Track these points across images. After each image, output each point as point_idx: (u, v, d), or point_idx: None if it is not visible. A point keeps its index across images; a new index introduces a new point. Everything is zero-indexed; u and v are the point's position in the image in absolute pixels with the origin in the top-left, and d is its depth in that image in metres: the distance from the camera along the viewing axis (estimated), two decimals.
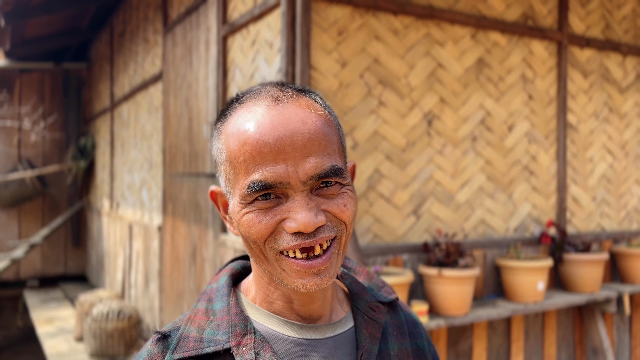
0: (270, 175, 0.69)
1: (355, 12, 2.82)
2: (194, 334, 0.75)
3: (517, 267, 3.05)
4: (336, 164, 0.72)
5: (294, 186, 0.70)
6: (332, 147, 0.73)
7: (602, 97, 3.79)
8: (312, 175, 0.70)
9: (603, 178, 3.80)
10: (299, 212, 0.69)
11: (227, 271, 0.85)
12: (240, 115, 0.74)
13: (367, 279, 0.91)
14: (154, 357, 0.74)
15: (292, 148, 0.69)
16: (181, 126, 4.28)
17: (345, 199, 0.73)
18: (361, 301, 0.85)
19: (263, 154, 0.69)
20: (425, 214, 3.05)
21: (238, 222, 0.73)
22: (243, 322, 0.76)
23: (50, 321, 6.07)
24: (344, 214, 0.73)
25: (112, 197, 6.88)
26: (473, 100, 3.21)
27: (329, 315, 0.81)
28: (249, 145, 0.70)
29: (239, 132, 0.72)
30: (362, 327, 0.81)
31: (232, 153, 0.72)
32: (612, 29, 3.84)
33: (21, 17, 5.69)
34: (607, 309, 3.40)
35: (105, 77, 7.30)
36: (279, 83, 0.78)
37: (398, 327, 0.87)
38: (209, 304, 0.79)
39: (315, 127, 0.72)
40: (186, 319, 0.78)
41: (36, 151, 8.37)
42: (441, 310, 2.80)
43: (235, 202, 0.73)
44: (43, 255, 8.37)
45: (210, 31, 3.67)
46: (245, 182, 0.71)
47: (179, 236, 4.35)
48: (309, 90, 0.78)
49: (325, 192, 0.72)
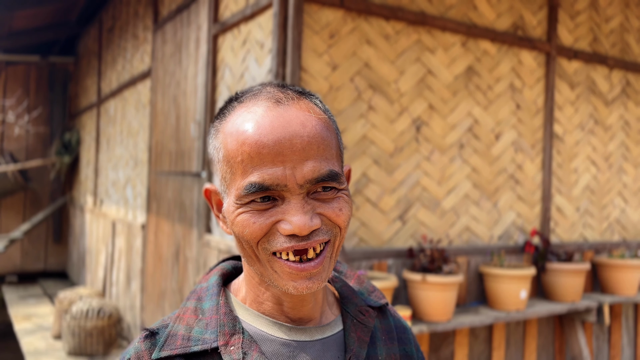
0: (268, 178, 0.69)
1: (347, 15, 2.83)
2: (182, 332, 0.75)
3: (501, 275, 3.06)
4: (334, 168, 0.72)
5: (290, 189, 0.69)
6: (330, 151, 0.73)
7: (588, 109, 3.84)
8: (309, 179, 0.70)
9: (587, 189, 3.84)
10: (294, 214, 0.69)
11: (218, 271, 0.84)
12: (240, 115, 0.73)
13: (357, 283, 0.91)
14: (141, 354, 0.74)
15: (291, 151, 0.69)
16: (168, 124, 4.25)
17: (340, 203, 0.73)
18: (351, 305, 0.84)
19: (261, 156, 0.69)
20: (411, 219, 3.06)
21: (232, 221, 0.72)
22: (232, 321, 0.75)
23: (28, 318, 5.98)
24: (339, 218, 0.72)
25: (95, 194, 6.80)
26: (461, 108, 3.23)
27: (319, 318, 0.81)
28: (247, 145, 0.70)
29: (237, 132, 0.71)
30: (351, 331, 0.81)
31: (229, 152, 0.72)
32: (599, 42, 3.89)
33: (9, 9, 5.62)
34: (587, 318, 3.43)
35: (93, 72, 7.23)
36: (279, 84, 0.78)
37: (387, 332, 0.87)
38: (198, 303, 0.79)
39: (315, 131, 0.71)
40: (175, 317, 0.78)
41: (19, 145, 8.25)
42: (424, 315, 2.81)
43: (231, 202, 0.73)
44: (23, 251, 8.25)
45: (201, 29, 3.65)
46: (242, 182, 0.70)
47: (162, 235, 4.31)
48: (309, 93, 0.78)
49: (322, 196, 0.72)
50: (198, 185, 3.60)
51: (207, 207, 3.47)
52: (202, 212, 3.50)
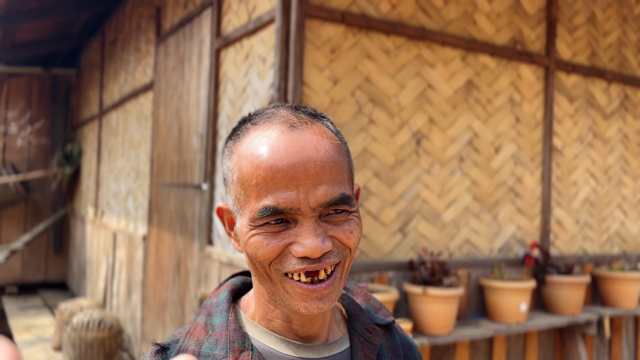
0: (282, 201, 0.71)
1: (348, 31, 2.86)
2: (193, 347, 0.77)
3: (501, 288, 3.07)
4: (345, 192, 0.74)
5: (303, 212, 0.71)
6: (342, 175, 0.75)
7: (586, 122, 3.87)
8: (322, 203, 0.72)
9: (586, 202, 3.86)
10: (306, 237, 0.71)
11: (228, 286, 0.86)
12: (254, 138, 0.75)
13: (364, 301, 0.92)
14: None
15: (305, 175, 0.71)
16: (170, 136, 4.28)
17: (351, 226, 0.75)
18: (358, 323, 0.86)
19: (276, 180, 0.71)
20: (412, 232, 3.08)
21: (245, 242, 0.74)
22: (241, 338, 0.77)
23: (28, 329, 5.97)
24: (349, 240, 0.74)
25: (97, 205, 6.82)
26: (461, 121, 3.26)
27: (326, 335, 0.82)
28: (262, 170, 0.71)
29: (252, 156, 0.73)
30: (357, 349, 0.82)
31: (244, 175, 0.74)
32: (597, 56, 3.93)
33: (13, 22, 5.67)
34: (588, 331, 3.44)
35: (95, 85, 7.28)
36: (292, 106, 0.80)
37: (393, 350, 0.88)
38: (208, 319, 0.80)
39: (328, 156, 0.73)
40: (185, 332, 0.79)
41: (21, 156, 8.28)
42: (425, 328, 2.81)
43: (244, 223, 0.75)
44: (23, 262, 8.25)
45: (204, 43, 3.69)
46: (256, 205, 0.72)
47: (163, 247, 4.33)
48: (321, 115, 0.80)
49: (333, 218, 0.74)
50: (200, 197, 3.62)
51: (208, 218, 3.48)
52: (204, 224, 3.51)
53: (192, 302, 3.67)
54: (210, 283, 3.38)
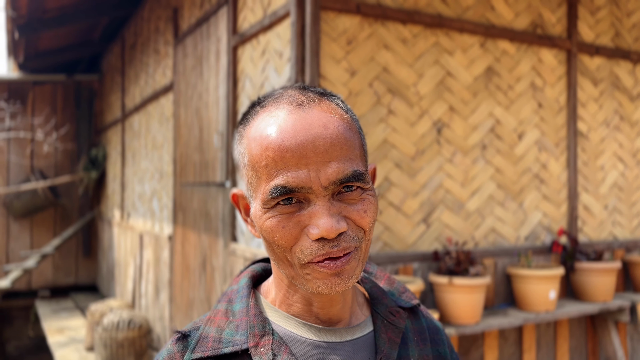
0: (292, 180, 0.70)
1: (364, 21, 2.84)
2: (213, 334, 0.77)
3: (529, 276, 3.03)
4: (358, 168, 0.72)
5: (315, 191, 0.70)
6: (353, 151, 0.73)
7: (612, 105, 3.78)
8: (333, 180, 0.70)
9: (614, 186, 3.78)
10: (321, 217, 0.70)
11: (248, 273, 0.86)
12: (262, 120, 0.74)
13: (388, 284, 0.91)
14: (174, 356, 0.76)
15: (314, 153, 0.70)
16: (192, 136, 4.31)
17: (365, 205, 0.73)
18: (381, 306, 0.85)
19: (285, 159, 0.70)
20: (435, 222, 3.05)
21: (261, 226, 0.73)
22: (262, 323, 0.76)
23: (61, 331, 6.10)
24: (363, 220, 0.73)
25: (122, 207, 6.92)
26: (482, 109, 3.21)
27: (349, 318, 0.81)
28: (271, 150, 0.71)
29: (261, 137, 0.73)
30: (381, 332, 0.81)
31: (254, 157, 0.73)
32: (621, 36, 3.83)
33: (35, 31, 5.78)
34: (621, 318, 3.36)
35: (117, 89, 7.38)
36: (300, 86, 0.79)
37: (419, 333, 0.87)
38: (229, 305, 0.80)
39: (337, 132, 0.72)
40: (206, 319, 0.80)
41: (48, 162, 8.45)
42: (452, 319, 2.79)
43: (257, 206, 0.74)
44: (54, 266, 8.43)
45: (221, 42, 3.70)
46: (267, 186, 0.71)
47: (189, 245, 4.37)
48: (330, 94, 0.79)
49: (347, 197, 0.72)
50: (223, 195, 3.64)
51: (232, 216, 3.50)
52: (227, 221, 3.53)
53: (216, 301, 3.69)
54: None
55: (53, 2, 5.43)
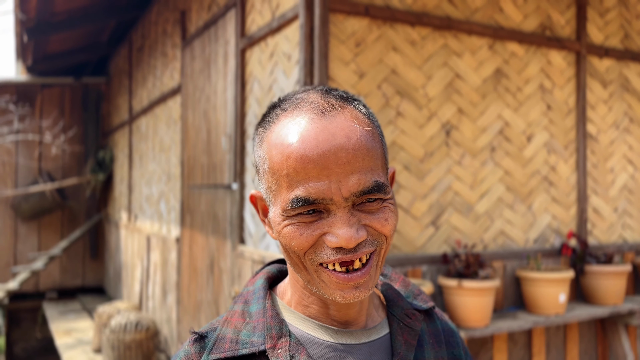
0: (313, 192, 0.69)
1: (372, 23, 2.84)
2: (230, 335, 0.77)
3: (538, 279, 3.01)
4: (379, 180, 0.72)
5: (336, 202, 0.70)
6: (375, 162, 0.73)
7: (622, 107, 3.76)
8: (354, 192, 0.70)
9: (624, 189, 3.75)
10: (340, 227, 0.69)
11: (264, 274, 0.86)
12: (284, 126, 0.74)
13: (403, 286, 0.91)
14: (191, 357, 0.76)
15: (336, 164, 0.69)
16: (199, 138, 4.32)
17: (386, 214, 0.73)
18: (397, 308, 0.85)
19: (307, 170, 0.69)
20: (444, 224, 3.04)
21: (279, 232, 0.74)
22: (279, 324, 0.76)
23: (68, 333, 6.12)
24: (385, 228, 0.73)
25: (130, 210, 6.94)
26: (491, 111, 3.20)
27: (365, 321, 0.81)
28: (292, 160, 0.70)
29: (282, 145, 0.72)
30: (397, 334, 0.81)
31: (275, 165, 0.73)
32: (631, 38, 3.81)
33: (43, 34, 5.82)
34: (631, 321, 3.34)
35: (124, 91, 7.41)
36: (323, 89, 0.78)
37: (434, 336, 0.86)
38: (245, 306, 0.80)
39: (360, 143, 0.71)
40: (223, 321, 0.80)
41: (56, 164, 8.49)
42: (461, 321, 2.77)
43: (277, 212, 0.74)
44: (62, 268, 8.46)
45: (229, 44, 3.71)
46: (288, 196, 0.71)
47: (196, 248, 4.37)
48: (353, 98, 0.78)
49: (367, 207, 0.72)
50: (230, 197, 3.64)
51: (239, 218, 3.51)
52: (235, 223, 3.54)
53: (226, 302, 3.69)
54: (244, 282, 3.40)
55: (62, 6, 5.46)
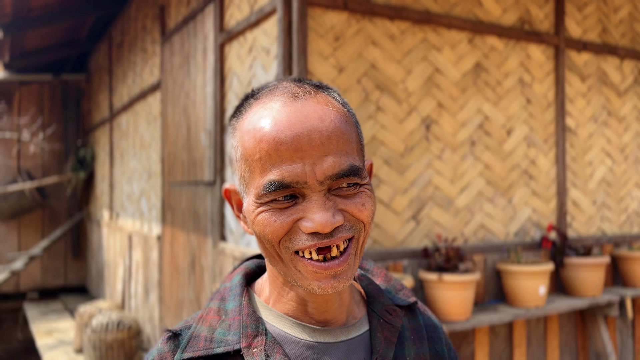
0: (287, 175, 0.67)
1: (351, 17, 2.83)
2: (205, 333, 0.74)
3: (518, 272, 3.03)
4: (355, 163, 0.70)
5: (311, 186, 0.68)
6: (350, 145, 0.71)
7: (600, 101, 3.79)
8: (329, 175, 0.68)
9: (603, 182, 3.79)
10: (316, 212, 0.67)
11: (241, 270, 0.83)
12: (256, 112, 0.72)
13: (384, 281, 0.89)
14: (164, 355, 0.73)
15: (310, 146, 0.67)
16: (179, 135, 4.28)
17: (363, 199, 0.71)
18: (377, 304, 0.83)
19: (280, 152, 0.67)
20: (425, 219, 3.04)
21: (253, 221, 0.71)
22: (255, 322, 0.74)
23: (50, 333, 6.04)
24: (362, 213, 0.71)
25: (111, 208, 6.87)
26: (471, 105, 3.21)
27: (345, 318, 0.79)
28: (264, 143, 0.68)
29: (254, 129, 0.70)
30: (377, 331, 0.79)
31: (247, 151, 0.70)
32: (609, 32, 3.85)
33: (20, 29, 5.71)
34: (610, 313, 3.38)
35: (104, 88, 7.32)
36: (296, 79, 0.76)
37: (416, 332, 0.85)
38: (221, 303, 0.78)
39: (334, 125, 0.69)
40: (198, 318, 0.77)
41: (35, 163, 8.37)
42: (442, 315, 2.78)
43: (250, 201, 0.71)
44: (43, 267, 8.35)
45: (208, 39, 3.67)
46: (261, 181, 0.69)
47: (178, 245, 4.34)
48: (327, 86, 0.76)
49: (344, 191, 0.70)
50: (211, 194, 3.61)
51: (220, 215, 3.48)
52: (216, 220, 3.51)
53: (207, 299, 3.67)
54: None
55: (38, 1, 5.37)
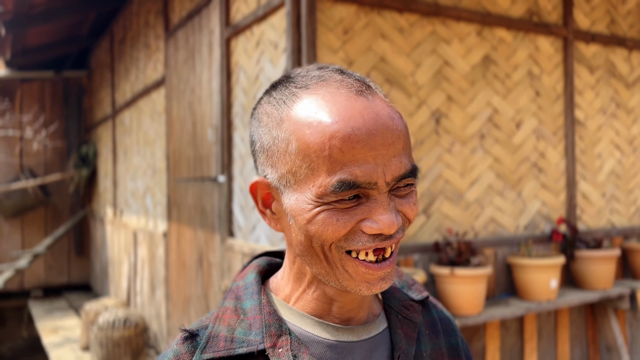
0: (361, 175, 0.64)
1: (360, 10, 2.80)
2: (224, 333, 0.71)
3: (529, 265, 3.01)
4: (414, 164, 0.69)
5: (379, 187, 0.65)
6: (410, 146, 0.70)
7: (609, 93, 3.76)
8: (396, 176, 0.66)
9: (612, 174, 3.77)
10: (382, 213, 0.65)
11: (254, 268, 0.80)
12: (317, 104, 0.66)
13: (397, 277, 0.87)
14: (181, 357, 0.70)
15: (383, 145, 0.65)
16: (185, 131, 4.25)
17: (414, 198, 0.70)
18: (394, 300, 0.81)
19: (354, 151, 0.63)
20: (435, 213, 3.02)
21: (308, 220, 0.66)
22: (277, 322, 0.71)
23: (55, 331, 6.03)
24: (413, 213, 0.70)
25: (115, 205, 6.85)
26: (480, 98, 3.18)
27: (365, 315, 0.77)
28: (337, 139, 0.63)
29: (320, 123, 0.65)
30: (397, 327, 0.77)
31: (310, 145, 0.65)
32: (617, 23, 3.82)
33: (22, 26, 5.67)
34: (620, 305, 3.36)
35: (106, 85, 7.29)
36: (339, 69, 0.72)
37: (431, 326, 0.83)
38: (237, 302, 0.75)
39: (401, 124, 0.68)
40: (214, 317, 0.74)
41: (38, 160, 8.34)
42: (454, 310, 2.76)
43: (304, 199, 0.66)
44: (47, 265, 8.34)
45: (213, 34, 3.64)
46: (328, 180, 0.64)
47: (184, 242, 4.32)
48: (370, 82, 0.73)
49: (401, 191, 0.68)
50: (218, 190, 3.59)
51: (228, 211, 3.46)
52: (224, 217, 3.49)
53: (216, 296, 3.65)
54: (234, 275, 3.36)
55: None
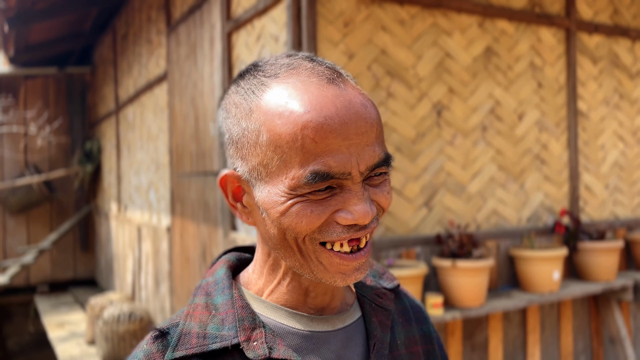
0: (334, 165, 0.62)
1: (360, 3, 2.79)
2: (196, 329, 0.69)
3: (532, 257, 3.01)
4: (387, 152, 0.68)
5: (353, 177, 0.64)
6: (382, 134, 0.69)
7: (612, 84, 3.75)
8: (370, 166, 0.65)
9: (615, 165, 3.75)
10: (356, 203, 0.64)
11: (224, 263, 0.78)
12: (286, 93, 0.65)
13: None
14: (152, 356, 0.67)
15: (356, 135, 0.63)
16: (187, 125, 4.26)
17: (388, 187, 0.69)
18: (366, 289, 0.81)
19: (328, 141, 0.62)
20: (437, 205, 3.02)
21: (282, 212, 0.65)
22: (250, 315, 0.70)
23: (61, 325, 6.07)
24: (387, 202, 0.69)
25: (119, 200, 6.87)
26: (482, 90, 3.17)
27: (339, 305, 0.77)
28: (309, 129, 0.62)
29: (291, 113, 0.63)
30: (371, 316, 0.77)
31: (281, 136, 0.63)
32: (620, 14, 3.79)
33: (25, 23, 5.69)
34: (624, 297, 3.36)
35: (109, 80, 7.30)
36: (310, 57, 0.70)
37: (403, 314, 0.84)
38: (208, 299, 0.73)
39: (374, 113, 0.67)
40: (184, 315, 0.72)
41: (42, 156, 8.37)
42: (456, 302, 2.77)
43: (276, 191, 0.65)
44: (52, 261, 8.38)
45: (215, 28, 3.64)
46: (301, 171, 0.63)
47: (188, 236, 4.34)
48: (341, 70, 0.71)
49: (374, 180, 0.68)
50: None
51: None
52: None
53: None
54: None
55: None
